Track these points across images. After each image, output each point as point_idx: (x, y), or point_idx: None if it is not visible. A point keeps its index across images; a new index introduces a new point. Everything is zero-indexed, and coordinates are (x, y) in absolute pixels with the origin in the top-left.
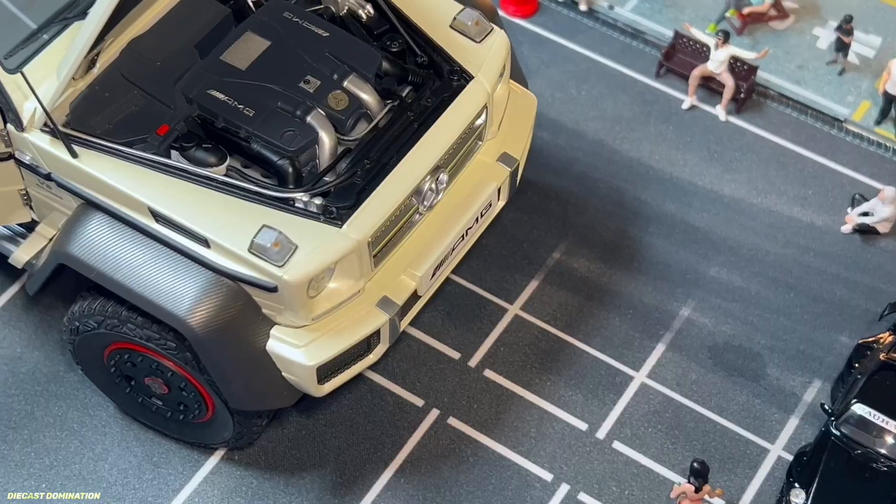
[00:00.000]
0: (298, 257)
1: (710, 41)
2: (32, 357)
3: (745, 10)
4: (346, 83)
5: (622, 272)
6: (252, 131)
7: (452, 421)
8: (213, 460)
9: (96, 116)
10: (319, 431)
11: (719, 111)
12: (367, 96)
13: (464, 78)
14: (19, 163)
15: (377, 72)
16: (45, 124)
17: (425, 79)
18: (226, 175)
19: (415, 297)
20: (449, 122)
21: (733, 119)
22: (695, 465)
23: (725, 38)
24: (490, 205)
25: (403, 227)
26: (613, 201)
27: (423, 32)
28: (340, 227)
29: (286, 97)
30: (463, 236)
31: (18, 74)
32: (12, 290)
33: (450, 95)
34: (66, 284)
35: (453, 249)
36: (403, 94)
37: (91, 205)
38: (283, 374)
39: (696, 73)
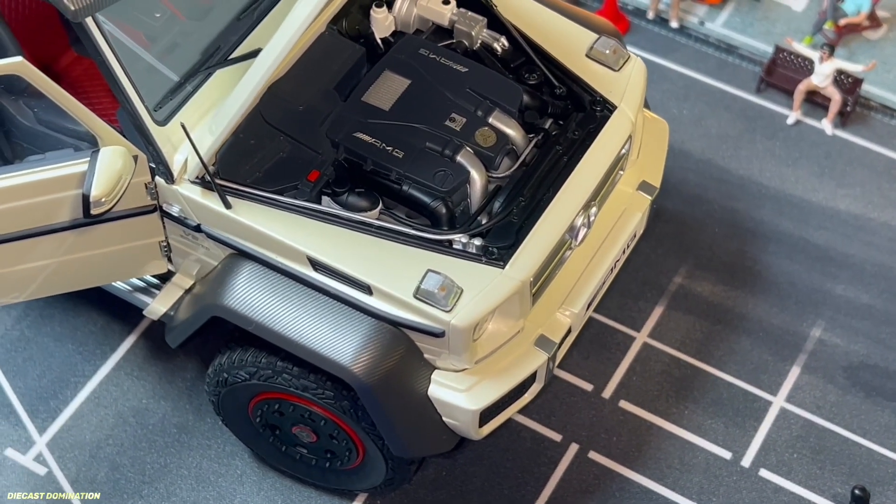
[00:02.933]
0: (465, 301)
1: (813, 55)
2: (160, 408)
3: (842, 22)
4: (490, 119)
5: (747, 294)
6: (403, 173)
7: (593, 455)
8: None
9: (245, 165)
10: (460, 471)
11: (825, 125)
12: (513, 131)
13: (607, 108)
14: (165, 215)
15: (520, 106)
16: (197, 175)
17: (565, 111)
18: (378, 218)
19: (568, 333)
20: (598, 154)
21: (840, 133)
22: (856, 491)
23: (831, 51)
24: (635, 235)
25: (557, 264)
26: (729, 222)
27: (560, 63)
28: (503, 268)
29: (433, 136)
30: (612, 269)
31: (167, 126)
32: (130, 339)
33: (595, 127)
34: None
35: (604, 283)
36: (546, 127)
37: (243, 255)
38: (444, 418)
39: (801, 88)
